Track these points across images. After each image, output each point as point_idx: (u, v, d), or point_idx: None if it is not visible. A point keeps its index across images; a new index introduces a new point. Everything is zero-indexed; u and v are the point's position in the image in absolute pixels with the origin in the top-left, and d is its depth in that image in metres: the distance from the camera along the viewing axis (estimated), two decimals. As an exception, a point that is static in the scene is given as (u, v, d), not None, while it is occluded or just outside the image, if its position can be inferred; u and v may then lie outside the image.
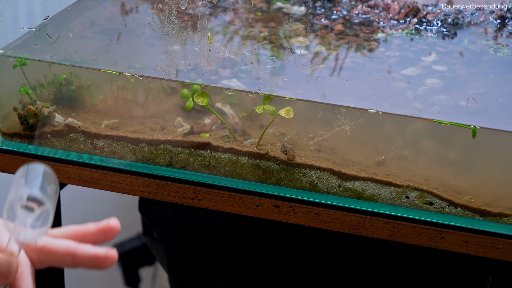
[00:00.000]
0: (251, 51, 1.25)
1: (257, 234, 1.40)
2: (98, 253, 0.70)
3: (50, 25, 1.29)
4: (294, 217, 1.13)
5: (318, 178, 1.12)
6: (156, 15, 1.32)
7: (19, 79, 1.20)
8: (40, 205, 0.69)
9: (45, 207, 0.69)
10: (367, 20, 1.38)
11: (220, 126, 1.17)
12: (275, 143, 1.15)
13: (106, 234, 0.72)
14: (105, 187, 1.18)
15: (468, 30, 1.37)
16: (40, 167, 0.71)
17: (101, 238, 0.73)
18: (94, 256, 0.70)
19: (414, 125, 1.11)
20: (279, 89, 1.16)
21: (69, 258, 0.71)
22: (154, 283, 1.92)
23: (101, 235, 0.73)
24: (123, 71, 1.18)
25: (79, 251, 0.71)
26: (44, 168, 0.71)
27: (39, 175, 0.70)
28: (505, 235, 1.08)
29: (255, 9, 1.39)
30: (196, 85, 1.15)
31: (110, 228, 0.73)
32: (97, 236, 0.73)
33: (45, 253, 0.72)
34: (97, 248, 0.71)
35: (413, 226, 1.10)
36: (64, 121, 1.19)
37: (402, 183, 1.10)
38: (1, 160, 1.20)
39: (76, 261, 0.71)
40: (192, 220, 1.43)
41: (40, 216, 0.69)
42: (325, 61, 1.25)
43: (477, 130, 1.07)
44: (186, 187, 1.15)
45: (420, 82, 1.19)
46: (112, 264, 0.71)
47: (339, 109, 1.11)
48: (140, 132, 1.17)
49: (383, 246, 1.36)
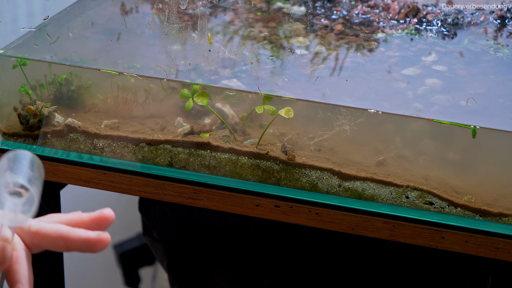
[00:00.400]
0: (251, 51, 1.25)
1: (257, 234, 1.40)
2: (90, 236, 0.72)
3: (50, 25, 1.29)
4: (294, 217, 1.13)
5: (318, 178, 1.12)
6: (156, 15, 1.32)
7: (19, 79, 1.20)
8: (27, 190, 0.71)
9: (31, 192, 0.71)
10: (367, 20, 1.38)
11: (220, 126, 1.17)
12: (275, 143, 1.15)
13: (99, 223, 0.74)
14: (105, 187, 1.18)
15: (468, 30, 1.37)
16: (24, 154, 0.73)
17: (94, 227, 0.75)
18: (86, 239, 0.72)
19: (414, 125, 1.11)
20: (279, 89, 1.16)
21: (62, 241, 0.73)
22: (154, 283, 1.92)
23: (94, 224, 0.74)
24: (123, 71, 1.18)
25: (71, 235, 0.73)
26: (27, 154, 0.73)
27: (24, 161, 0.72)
28: (505, 235, 1.08)
29: (255, 9, 1.39)
30: (196, 85, 1.15)
31: (104, 217, 0.74)
32: (90, 224, 0.75)
33: (39, 237, 0.74)
34: (89, 232, 0.72)
35: (413, 226, 1.10)
36: (64, 121, 1.19)
37: (402, 183, 1.10)
38: (1, 160, 1.20)
39: (68, 244, 0.73)
40: (192, 220, 1.43)
41: (27, 201, 0.71)
42: (325, 61, 1.25)
43: (477, 130, 1.07)
44: (186, 187, 1.15)
45: (420, 82, 1.19)
46: (104, 247, 0.73)
47: (339, 109, 1.11)
48: (140, 132, 1.18)
49: (383, 246, 1.36)
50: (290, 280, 1.41)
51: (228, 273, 1.44)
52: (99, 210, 0.75)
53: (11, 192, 0.71)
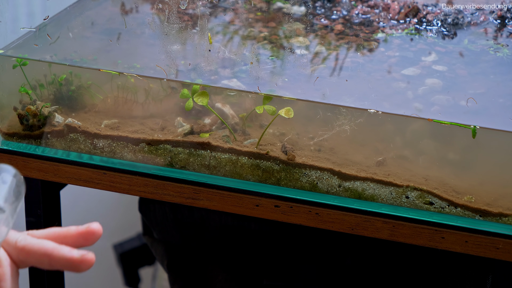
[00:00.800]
0: (251, 51, 1.25)
1: (257, 234, 1.40)
2: (73, 256, 0.72)
3: (50, 25, 1.29)
4: (294, 217, 1.13)
5: (318, 178, 1.12)
6: (156, 15, 1.32)
7: (19, 79, 1.20)
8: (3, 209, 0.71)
9: (6, 212, 0.71)
10: (367, 20, 1.38)
11: (220, 126, 1.17)
12: (275, 143, 1.15)
13: (86, 238, 0.74)
14: (105, 187, 1.18)
15: (468, 30, 1.37)
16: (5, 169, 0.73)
17: (81, 241, 0.74)
18: (69, 258, 0.72)
19: (414, 125, 1.11)
20: (279, 89, 1.16)
21: (46, 259, 0.73)
22: (154, 283, 1.92)
23: (81, 238, 0.74)
24: (123, 71, 1.18)
25: (55, 253, 0.72)
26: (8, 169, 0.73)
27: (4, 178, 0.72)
28: (505, 235, 1.08)
29: (255, 9, 1.39)
30: (196, 85, 1.15)
31: (91, 231, 0.74)
32: (77, 239, 0.74)
33: (25, 253, 0.73)
34: (73, 251, 0.72)
35: (413, 226, 1.09)
36: (64, 121, 1.19)
37: (402, 183, 1.10)
38: (1, 160, 1.20)
39: (52, 262, 0.72)
40: (192, 220, 1.43)
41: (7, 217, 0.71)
42: (325, 61, 1.25)
43: (477, 130, 1.07)
44: (186, 187, 1.15)
45: (420, 82, 1.19)
46: (88, 267, 0.72)
47: (339, 109, 1.11)
48: (140, 132, 1.17)
49: (383, 246, 1.36)
50: (290, 280, 1.41)
51: (228, 273, 1.44)
52: (86, 224, 0.74)
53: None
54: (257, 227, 1.39)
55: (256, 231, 1.39)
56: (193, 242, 1.46)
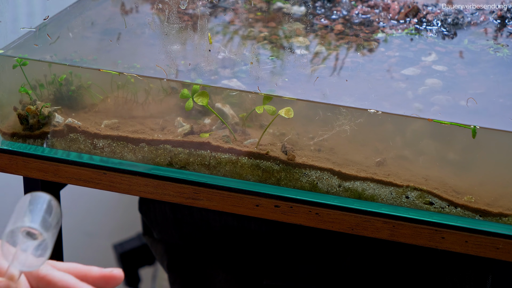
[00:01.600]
0: (251, 51, 1.25)
1: (257, 234, 1.40)
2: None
3: (50, 25, 1.29)
4: (294, 217, 1.13)
5: (318, 178, 1.12)
6: (156, 15, 1.32)
7: (19, 79, 1.20)
8: (41, 234, 0.71)
9: (45, 237, 0.71)
10: (367, 20, 1.38)
11: (220, 126, 1.17)
12: (275, 143, 1.15)
13: (107, 281, 0.74)
14: (105, 187, 1.18)
15: (468, 30, 1.37)
16: (45, 197, 0.73)
17: (101, 284, 0.74)
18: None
19: (414, 125, 1.11)
20: (279, 89, 1.16)
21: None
22: (154, 283, 1.92)
23: (102, 281, 0.74)
24: (123, 71, 1.18)
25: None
26: (48, 198, 0.73)
27: (43, 206, 0.72)
28: (505, 235, 1.08)
29: (255, 9, 1.39)
30: (196, 85, 1.15)
31: (113, 276, 0.74)
32: (98, 280, 0.74)
33: (45, 283, 0.73)
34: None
35: (413, 226, 1.10)
36: (64, 121, 1.19)
37: (402, 183, 1.10)
38: (1, 160, 1.20)
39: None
40: (192, 220, 1.43)
41: (40, 245, 0.71)
42: (325, 61, 1.25)
43: (477, 130, 1.07)
44: (186, 187, 1.15)
45: (420, 82, 1.19)
46: None
47: (339, 109, 1.11)
48: (140, 132, 1.18)
49: (383, 246, 1.36)
50: (290, 280, 1.41)
51: (228, 273, 1.44)
52: (110, 268, 0.74)
53: (26, 234, 0.71)
54: (257, 227, 1.39)
55: (256, 231, 1.39)
56: (193, 242, 1.46)
